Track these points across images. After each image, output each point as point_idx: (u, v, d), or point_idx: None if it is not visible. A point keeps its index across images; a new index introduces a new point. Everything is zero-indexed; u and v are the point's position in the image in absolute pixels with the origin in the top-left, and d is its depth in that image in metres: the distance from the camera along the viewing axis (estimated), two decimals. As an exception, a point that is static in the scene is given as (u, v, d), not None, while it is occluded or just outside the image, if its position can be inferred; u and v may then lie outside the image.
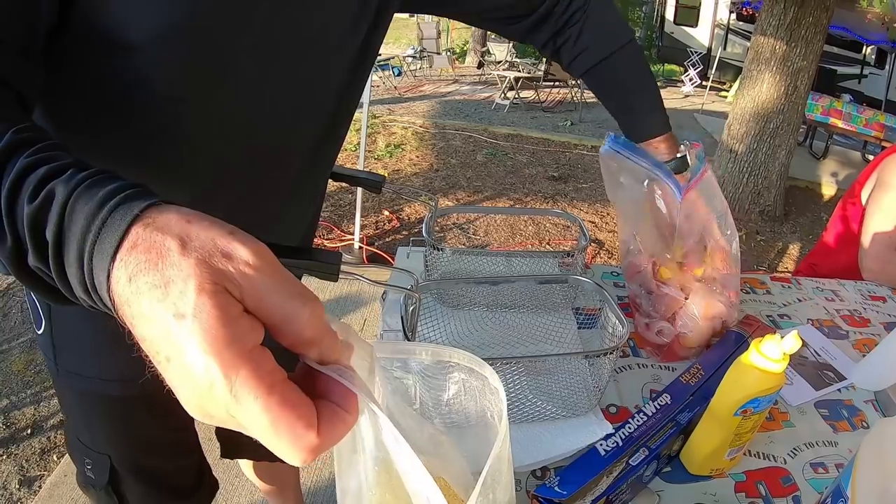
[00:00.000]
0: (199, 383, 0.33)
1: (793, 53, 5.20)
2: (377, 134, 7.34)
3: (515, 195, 5.70)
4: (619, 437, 0.82)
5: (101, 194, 0.38)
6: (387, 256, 4.09)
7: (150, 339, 0.35)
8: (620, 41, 1.08)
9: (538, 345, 1.08)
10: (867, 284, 1.54)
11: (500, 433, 0.48)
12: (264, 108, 0.77)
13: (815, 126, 8.54)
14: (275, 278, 0.36)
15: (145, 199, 0.37)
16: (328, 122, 0.89)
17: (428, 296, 1.10)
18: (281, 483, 1.75)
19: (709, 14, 14.20)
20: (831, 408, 1.06)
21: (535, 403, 0.91)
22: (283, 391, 0.34)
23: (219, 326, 0.33)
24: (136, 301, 0.35)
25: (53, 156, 0.42)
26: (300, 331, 0.37)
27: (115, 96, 0.67)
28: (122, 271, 0.35)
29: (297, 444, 0.34)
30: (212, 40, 0.66)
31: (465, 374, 0.57)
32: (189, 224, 0.36)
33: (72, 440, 1.06)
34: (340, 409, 0.38)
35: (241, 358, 0.33)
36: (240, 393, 0.33)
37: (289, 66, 0.76)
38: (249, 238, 0.37)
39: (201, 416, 0.36)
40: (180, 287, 0.33)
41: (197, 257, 0.34)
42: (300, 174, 0.93)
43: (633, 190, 1.11)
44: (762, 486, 0.88)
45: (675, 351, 1.09)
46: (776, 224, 5.76)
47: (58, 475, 2.25)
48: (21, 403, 2.57)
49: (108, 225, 0.36)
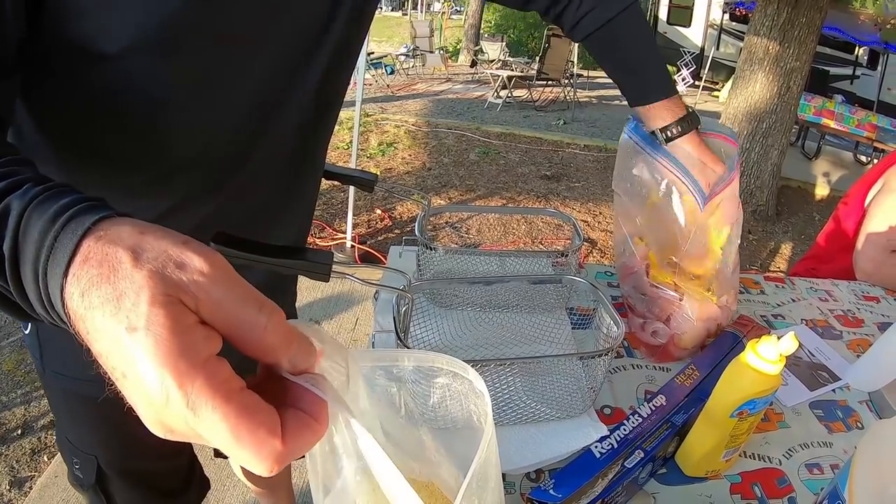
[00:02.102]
0: (154, 397, 0.32)
1: (786, 54, 5.23)
2: (369, 132, 7.33)
3: (508, 194, 5.70)
4: (614, 438, 0.82)
5: (55, 209, 0.37)
6: (379, 255, 4.08)
7: (105, 355, 0.34)
8: (623, 3, 1.05)
9: (532, 345, 1.08)
10: (861, 285, 1.54)
11: (485, 436, 0.48)
12: (244, 112, 0.76)
13: (807, 126, 8.58)
14: (229, 286, 0.36)
15: (97, 213, 0.37)
16: (312, 120, 0.88)
17: (420, 296, 1.09)
18: (272, 483, 1.75)
19: (702, 14, 14.25)
20: (826, 408, 1.06)
21: (528, 405, 0.90)
22: (241, 399, 0.34)
23: (171, 337, 0.32)
24: (90, 316, 0.34)
25: (14, 171, 0.41)
26: (261, 338, 0.36)
27: (97, 103, 0.67)
28: (74, 287, 0.35)
29: (260, 451, 0.34)
30: (185, 48, 0.65)
31: (449, 379, 0.56)
32: (142, 235, 0.36)
33: (61, 439, 1.06)
34: (309, 416, 0.37)
35: (196, 368, 0.33)
36: (196, 404, 0.32)
37: (266, 69, 0.75)
38: (203, 247, 0.36)
39: (162, 432, 0.35)
40: (132, 299, 0.33)
41: (150, 269, 0.34)
42: (289, 174, 0.92)
43: (646, 185, 1.08)
44: (758, 488, 0.88)
45: (670, 352, 1.09)
46: (768, 224, 5.79)
47: (48, 476, 2.24)
48: (11, 404, 2.56)
49: (60, 240, 0.36)
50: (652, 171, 1.06)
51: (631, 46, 1.10)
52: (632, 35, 1.09)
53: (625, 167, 1.11)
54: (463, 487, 0.44)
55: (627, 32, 1.08)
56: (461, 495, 0.43)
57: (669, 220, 1.05)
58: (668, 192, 1.04)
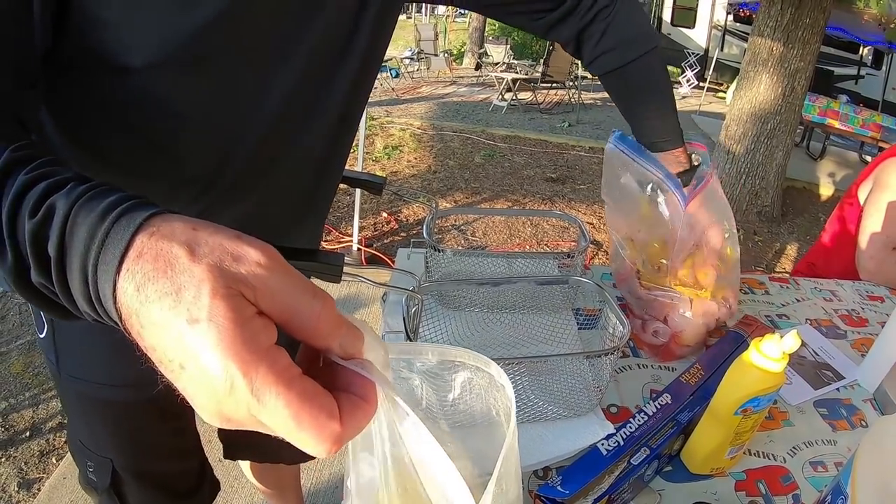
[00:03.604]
0: (217, 386, 0.33)
1: (790, 54, 5.22)
2: (375, 136, 7.34)
3: (513, 196, 5.70)
4: (620, 436, 0.83)
5: (103, 206, 0.37)
6: (385, 258, 4.09)
7: (161, 348, 0.35)
8: (643, 48, 1.06)
9: (539, 346, 1.09)
10: (865, 284, 1.55)
11: (510, 426, 0.49)
12: (267, 127, 0.77)
13: (812, 127, 8.56)
14: (286, 276, 0.37)
15: (147, 209, 0.37)
16: (335, 131, 0.89)
17: (428, 297, 1.10)
18: (281, 484, 1.75)
19: (706, 15, 14.22)
20: (830, 407, 1.07)
21: (536, 404, 0.91)
22: (302, 385, 0.35)
23: (234, 328, 0.33)
24: (146, 310, 0.34)
25: (53, 171, 0.42)
26: (316, 325, 0.37)
27: (116, 114, 0.68)
28: (128, 282, 0.35)
29: (321, 434, 0.35)
30: (209, 64, 0.66)
31: (470, 373, 0.57)
32: (195, 231, 0.36)
33: (74, 442, 1.07)
34: (360, 399, 0.38)
35: (259, 357, 0.33)
36: (261, 391, 0.33)
37: (290, 84, 0.76)
38: (256, 240, 0.37)
39: (220, 421, 0.36)
40: (193, 293, 0.33)
41: (208, 262, 0.34)
42: (310, 184, 0.94)
43: (633, 192, 1.10)
44: (762, 485, 0.89)
45: (673, 350, 1.10)
46: (774, 225, 5.78)
47: (56, 477, 2.25)
48: (20, 406, 2.57)
49: (112, 236, 0.36)
50: (637, 177, 1.09)
51: (645, 93, 1.11)
52: (647, 82, 1.10)
53: (612, 175, 1.14)
54: (495, 473, 0.45)
55: (643, 78, 1.10)
56: (494, 479, 0.45)
57: (657, 223, 1.08)
58: (654, 195, 1.08)
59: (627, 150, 1.10)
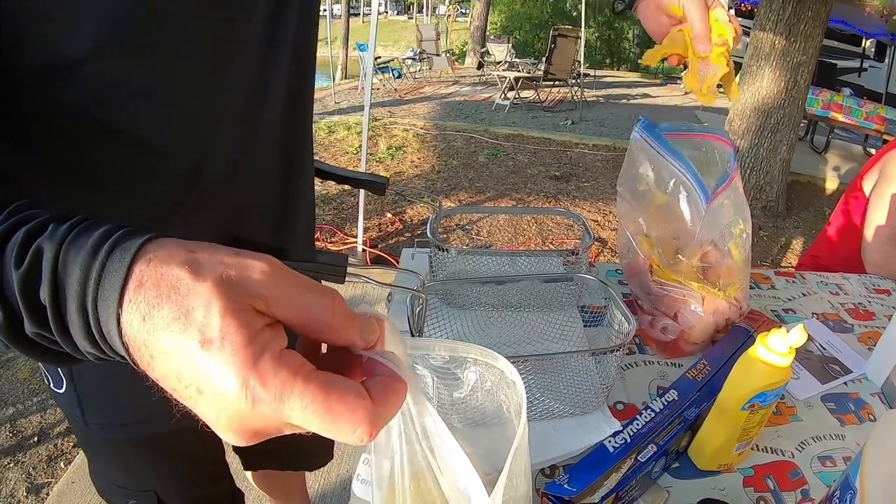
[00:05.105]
0: (240, 404, 0.33)
1: (792, 48, 5.21)
2: (378, 136, 7.35)
3: (517, 195, 5.70)
4: (627, 433, 0.83)
5: (92, 241, 0.36)
6: (390, 258, 4.09)
7: (174, 376, 0.34)
8: None
9: (544, 343, 1.09)
10: (871, 278, 1.54)
11: (521, 422, 0.49)
12: (232, 117, 0.76)
13: (815, 120, 8.54)
14: (292, 280, 0.37)
15: (140, 236, 0.36)
16: (288, 114, 0.87)
17: (433, 296, 1.10)
18: (286, 490, 1.75)
19: (708, 10, 14.18)
20: (838, 401, 1.06)
21: (542, 401, 0.91)
22: (321, 376, 0.34)
23: (247, 343, 0.33)
24: (154, 339, 0.34)
25: (29, 215, 0.40)
26: (330, 321, 0.37)
27: (63, 122, 0.63)
28: (132, 313, 0.34)
29: (354, 415, 0.34)
30: (157, 47, 0.63)
31: (481, 369, 0.57)
32: (193, 252, 0.35)
33: (106, 485, 1.05)
34: (389, 378, 0.38)
35: (275, 363, 0.33)
36: (284, 394, 0.33)
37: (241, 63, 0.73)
38: (254, 253, 0.37)
39: (247, 438, 0.36)
40: (202, 312, 0.33)
41: (213, 279, 0.34)
42: (282, 177, 0.92)
43: (652, 185, 1.08)
44: (770, 480, 0.88)
45: (680, 347, 1.09)
46: (779, 219, 5.77)
47: (65, 482, 2.26)
48: (27, 411, 2.58)
49: (108, 269, 0.35)
50: (659, 169, 1.07)
51: None
52: None
53: (632, 166, 1.11)
54: (506, 468, 0.46)
55: None
56: (505, 474, 0.45)
57: (675, 218, 1.06)
58: (676, 190, 1.05)
59: (653, 141, 1.07)
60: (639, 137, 1.09)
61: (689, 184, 1.03)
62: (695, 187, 1.03)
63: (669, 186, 1.05)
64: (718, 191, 1.04)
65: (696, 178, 1.03)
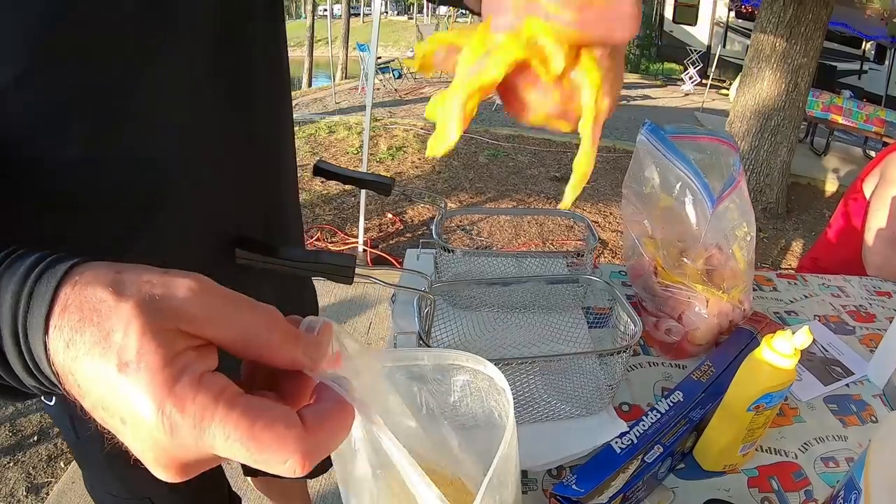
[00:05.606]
0: (158, 432, 0.31)
1: (793, 50, 5.22)
2: (378, 137, 7.35)
3: (518, 196, 5.71)
4: (633, 434, 0.83)
5: (23, 268, 0.35)
6: (391, 259, 4.10)
7: (100, 405, 0.32)
8: None
9: (550, 345, 1.09)
10: (873, 280, 1.55)
11: (506, 433, 0.48)
12: (164, 134, 0.69)
13: (815, 123, 8.55)
14: (221, 296, 0.35)
15: (68, 261, 0.35)
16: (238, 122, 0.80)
17: (438, 298, 1.11)
18: (287, 493, 1.75)
19: (708, 12, 14.22)
20: (840, 402, 1.07)
21: (549, 403, 0.92)
22: (246, 402, 0.32)
23: (164, 365, 0.31)
24: (78, 366, 0.32)
25: None
26: (269, 337, 0.35)
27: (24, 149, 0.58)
28: (58, 340, 0.32)
29: (283, 447, 0.32)
30: (65, 65, 0.57)
31: (469, 376, 0.57)
32: (118, 273, 0.34)
33: (100, 495, 1.04)
34: (333, 404, 0.36)
35: (193, 387, 0.31)
36: (203, 421, 0.31)
37: (166, 77, 0.67)
38: (185, 272, 0.35)
39: (176, 472, 0.34)
40: (121, 334, 0.31)
41: (136, 299, 0.32)
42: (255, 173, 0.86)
43: (657, 187, 1.09)
44: (774, 481, 0.89)
45: (685, 348, 1.10)
46: (779, 221, 5.78)
47: (65, 482, 2.27)
48: (27, 410, 2.59)
49: (35, 295, 0.33)
50: (665, 172, 1.07)
51: None
52: None
53: (638, 168, 1.12)
54: (485, 483, 0.45)
55: None
56: (483, 491, 0.44)
57: (680, 221, 1.07)
58: (681, 193, 1.06)
59: (659, 143, 1.08)
60: (645, 140, 1.10)
61: (695, 187, 1.04)
62: (700, 190, 1.04)
63: (675, 189, 1.06)
64: (725, 194, 1.05)
65: (701, 181, 1.04)
